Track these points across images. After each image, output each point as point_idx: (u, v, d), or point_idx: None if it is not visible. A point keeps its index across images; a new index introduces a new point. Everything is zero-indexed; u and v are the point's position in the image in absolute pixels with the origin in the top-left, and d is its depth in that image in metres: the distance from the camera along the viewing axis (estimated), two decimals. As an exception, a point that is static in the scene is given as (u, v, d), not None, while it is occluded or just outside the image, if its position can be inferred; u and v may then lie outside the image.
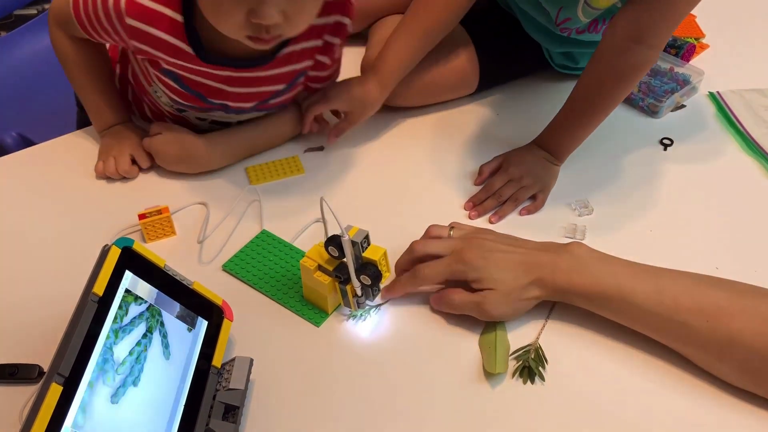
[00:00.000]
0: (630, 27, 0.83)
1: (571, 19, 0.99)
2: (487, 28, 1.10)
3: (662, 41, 0.85)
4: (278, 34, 0.78)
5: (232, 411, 0.66)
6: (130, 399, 0.59)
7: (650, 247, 0.87)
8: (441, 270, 0.75)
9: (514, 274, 0.73)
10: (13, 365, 0.70)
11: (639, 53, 0.84)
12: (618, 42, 0.84)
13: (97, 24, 0.84)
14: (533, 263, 0.74)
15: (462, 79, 1.09)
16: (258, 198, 0.92)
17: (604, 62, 0.87)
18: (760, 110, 1.09)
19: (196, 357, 0.68)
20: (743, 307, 0.67)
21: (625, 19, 0.83)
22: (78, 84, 0.96)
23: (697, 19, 1.31)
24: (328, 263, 0.74)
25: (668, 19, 0.82)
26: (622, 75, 0.87)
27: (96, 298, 0.59)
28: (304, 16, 0.79)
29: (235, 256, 0.84)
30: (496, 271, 0.73)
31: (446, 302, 0.76)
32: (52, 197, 0.93)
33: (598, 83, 0.89)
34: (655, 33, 0.83)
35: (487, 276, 0.73)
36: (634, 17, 0.82)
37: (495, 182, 0.93)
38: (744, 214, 0.92)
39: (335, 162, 0.99)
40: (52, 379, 0.54)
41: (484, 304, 0.73)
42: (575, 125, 0.93)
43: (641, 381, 0.71)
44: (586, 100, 0.91)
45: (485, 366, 0.72)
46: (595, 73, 0.89)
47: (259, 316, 0.78)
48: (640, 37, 0.83)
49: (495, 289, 0.73)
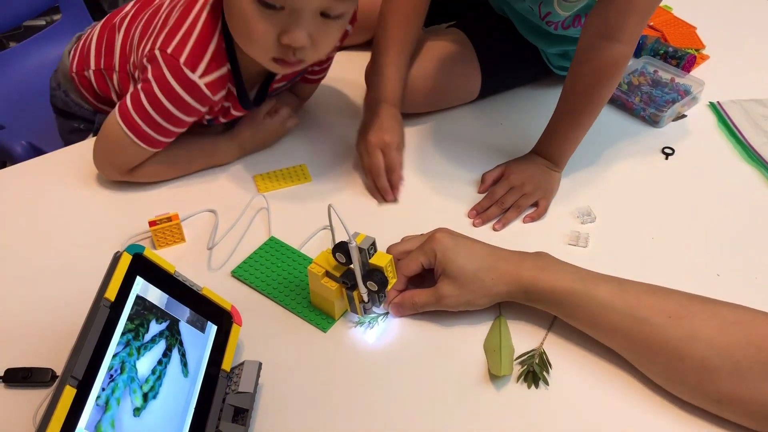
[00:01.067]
0: (599, 25, 0.86)
1: (551, 13, 1.01)
2: (486, 35, 1.12)
3: (631, 36, 0.86)
4: (302, 59, 0.82)
5: (242, 414, 0.67)
6: (150, 411, 0.61)
7: (652, 255, 0.88)
8: (414, 254, 0.78)
9: (478, 264, 0.75)
10: (27, 369, 0.71)
11: (610, 50, 0.86)
12: (590, 41, 0.87)
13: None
14: (499, 256, 0.76)
15: (464, 86, 1.11)
16: (266, 205, 0.94)
17: (581, 62, 0.90)
18: (760, 120, 1.10)
19: (206, 361, 0.69)
20: (703, 307, 0.69)
21: (595, 18, 0.86)
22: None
23: (697, 30, 1.33)
24: (336, 269, 0.75)
25: (634, 14, 0.84)
26: (599, 73, 0.89)
27: (108, 303, 0.60)
28: (329, 42, 0.83)
29: (243, 263, 0.85)
30: (458, 257, 0.75)
31: (408, 305, 0.78)
32: (62, 205, 0.94)
33: (580, 84, 0.91)
34: (622, 28, 0.85)
35: (450, 259, 0.75)
36: (603, 14, 0.85)
37: (497, 190, 0.94)
38: (744, 222, 0.94)
39: (341, 170, 1.01)
40: (66, 381, 0.55)
41: (443, 297, 0.76)
42: (566, 129, 0.95)
43: (645, 387, 0.72)
44: (571, 103, 0.93)
45: (490, 369, 0.73)
46: (575, 75, 0.91)
47: (267, 321, 0.79)
48: (609, 33, 0.85)
49: (455, 279, 0.75)
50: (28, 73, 1.39)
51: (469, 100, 1.13)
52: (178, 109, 0.87)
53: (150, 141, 0.89)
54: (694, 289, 0.72)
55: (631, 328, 0.70)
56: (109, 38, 1.01)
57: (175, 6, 0.91)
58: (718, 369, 0.65)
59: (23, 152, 1.20)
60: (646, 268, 0.76)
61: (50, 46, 1.40)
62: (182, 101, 0.86)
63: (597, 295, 0.71)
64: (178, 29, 0.86)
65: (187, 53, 0.84)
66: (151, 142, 0.89)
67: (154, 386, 0.62)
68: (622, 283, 0.72)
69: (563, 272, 0.74)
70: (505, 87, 1.16)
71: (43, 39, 1.44)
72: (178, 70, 0.84)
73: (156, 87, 0.85)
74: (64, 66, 1.07)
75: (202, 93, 0.86)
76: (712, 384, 0.66)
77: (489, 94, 1.14)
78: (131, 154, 0.90)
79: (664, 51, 1.23)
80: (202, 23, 0.85)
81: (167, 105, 0.86)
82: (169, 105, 0.86)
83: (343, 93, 1.16)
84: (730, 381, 0.65)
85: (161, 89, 0.85)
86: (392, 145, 0.94)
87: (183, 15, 0.87)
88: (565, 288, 0.73)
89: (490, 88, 1.13)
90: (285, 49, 0.79)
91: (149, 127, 0.87)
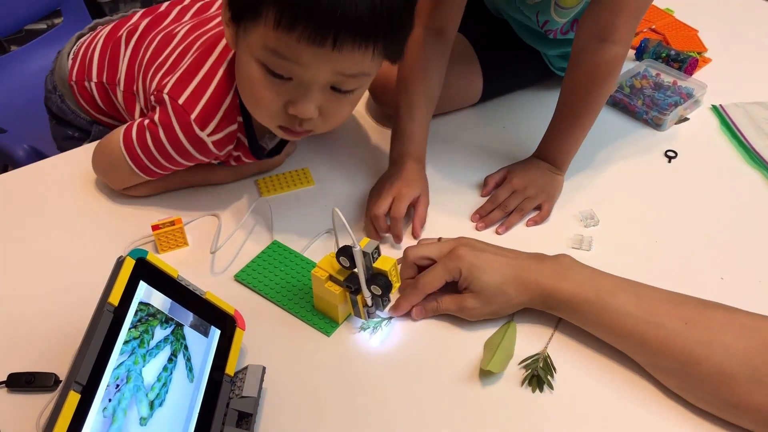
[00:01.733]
0: (592, 26, 0.86)
1: (549, 21, 1.02)
2: (487, 38, 1.12)
3: (625, 37, 0.87)
4: (309, 129, 0.79)
5: (246, 418, 0.67)
6: (156, 419, 0.61)
7: (656, 258, 0.88)
8: (438, 273, 0.77)
9: (501, 278, 0.75)
10: (30, 374, 0.71)
11: (604, 51, 0.86)
12: (584, 43, 0.87)
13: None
14: (520, 266, 0.75)
15: (466, 90, 1.11)
16: (269, 209, 0.94)
17: (576, 65, 0.90)
18: (763, 123, 1.10)
19: (210, 366, 0.69)
20: (721, 314, 0.69)
21: (588, 20, 0.87)
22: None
23: (699, 33, 1.33)
24: (339, 273, 0.75)
25: (625, 15, 0.84)
26: (594, 75, 0.89)
27: (111, 308, 0.60)
28: (339, 116, 0.80)
29: (246, 267, 0.85)
30: (483, 274, 0.75)
31: (431, 309, 0.78)
32: (64, 210, 0.94)
33: (576, 86, 0.91)
34: (615, 29, 0.85)
35: (476, 276, 0.74)
36: (595, 16, 0.85)
37: (500, 194, 0.94)
38: (748, 225, 0.93)
39: (344, 174, 1.01)
40: (70, 386, 0.55)
41: (466, 309, 0.76)
42: (566, 132, 0.95)
43: (651, 391, 0.72)
44: (569, 106, 0.93)
45: (481, 364, 0.73)
46: (571, 78, 0.91)
47: (270, 325, 0.79)
48: (603, 35, 0.85)
49: (479, 293, 0.75)
50: (30, 77, 1.39)
51: (471, 103, 1.13)
52: (181, 157, 0.86)
53: (146, 171, 0.89)
54: (698, 293, 0.72)
55: (647, 332, 0.70)
56: (113, 52, 0.99)
57: (191, 44, 0.89)
58: (736, 374, 0.65)
59: (25, 156, 1.20)
60: (649, 271, 0.76)
61: (51, 50, 1.39)
62: (187, 152, 0.85)
63: (613, 304, 0.71)
64: (191, 78, 0.84)
65: (198, 110, 0.83)
66: (148, 173, 0.89)
67: (160, 393, 0.62)
68: (639, 290, 0.72)
69: (580, 279, 0.74)
70: (507, 90, 1.16)
71: (45, 43, 1.45)
72: (188, 126, 0.83)
73: (162, 133, 0.84)
74: (62, 70, 1.05)
75: (208, 148, 0.86)
76: (729, 389, 0.66)
77: (491, 97, 1.14)
78: (126, 175, 0.90)
79: (666, 54, 1.23)
80: (218, 80, 0.83)
81: (170, 151, 0.85)
82: (172, 152, 0.85)
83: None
84: (747, 387, 0.64)
85: (167, 136, 0.84)
86: (406, 196, 0.88)
87: (198, 62, 0.85)
88: (581, 297, 0.73)
89: (492, 91, 1.13)
90: (292, 119, 0.77)
91: (149, 161, 0.87)
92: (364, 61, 0.72)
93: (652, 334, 0.69)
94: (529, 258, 0.77)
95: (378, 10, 0.68)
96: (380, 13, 0.68)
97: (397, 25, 0.73)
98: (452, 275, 0.76)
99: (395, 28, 0.73)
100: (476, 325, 0.78)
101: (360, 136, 1.09)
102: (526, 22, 1.06)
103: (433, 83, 0.96)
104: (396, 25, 0.73)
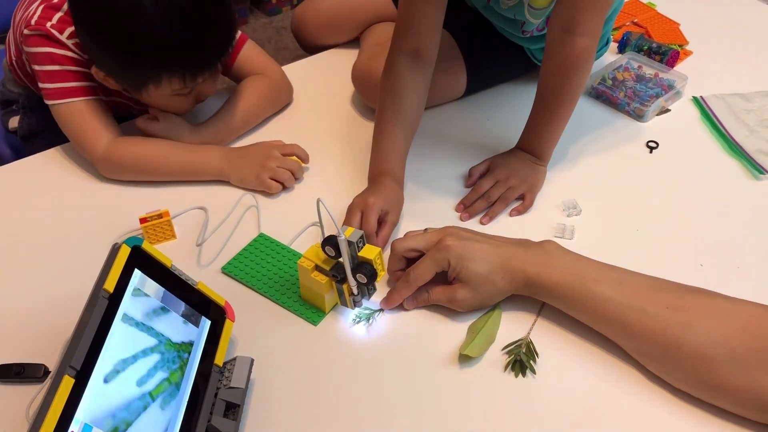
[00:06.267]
0: (560, 20, 0.88)
1: (525, 23, 1.04)
2: (470, 32, 1.13)
3: (592, 29, 0.89)
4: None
5: (233, 409, 0.68)
6: (148, 414, 0.61)
7: (636, 246, 0.89)
8: (428, 265, 0.78)
9: (488, 268, 0.76)
10: (20, 365, 0.72)
11: (573, 43, 0.88)
12: (554, 36, 0.90)
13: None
14: (506, 254, 0.77)
15: (450, 84, 1.12)
16: (255, 203, 0.94)
17: (549, 57, 0.92)
18: (742, 114, 1.12)
19: (199, 356, 0.69)
20: (702, 298, 0.70)
21: (557, 14, 0.89)
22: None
23: (680, 26, 1.35)
24: (325, 263, 0.76)
25: (591, 8, 0.87)
26: (565, 66, 0.91)
27: (107, 294, 0.60)
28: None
29: (233, 259, 0.86)
30: (471, 263, 0.76)
31: (422, 300, 0.80)
32: (52, 204, 0.94)
33: (550, 78, 0.93)
34: (581, 22, 0.87)
35: (464, 266, 0.76)
36: (563, 10, 0.88)
37: (483, 184, 0.96)
38: (727, 213, 0.95)
39: (330, 168, 1.02)
40: (64, 371, 0.55)
41: (457, 300, 0.78)
42: (544, 124, 0.96)
43: (632, 374, 0.73)
44: (545, 98, 0.95)
45: (460, 348, 0.75)
46: (545, 70, 0.93)
47: (258, 316, 0.80)
48: (570, 27, 0.87)
49: (468, 283, 0.76)
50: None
51: (455, 97, 1.14)
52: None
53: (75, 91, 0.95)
54: (678, 280, 0.73)
55: (629, 318, 0.71)
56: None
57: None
58: (715, 357, 0.66)
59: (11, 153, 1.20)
60: (630, 259, 0.77)
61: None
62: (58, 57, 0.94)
63: (595, 290, 0.73)
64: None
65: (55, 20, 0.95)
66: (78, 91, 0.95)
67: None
68: (621, 275, 0.74)
69: (564, 265, 0.75)
70: (491, 83, 1.18)
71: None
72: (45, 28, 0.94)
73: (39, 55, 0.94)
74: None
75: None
76: (708, 372, 0.67)
77: (475, 90, 1.15)
78: (87, 120, 0.95)
79: (648, 47, 1.25)
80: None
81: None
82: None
83: (330, 89, 1.17)
84: (726, 369, 0.66)
85: (43, 55, 0.94)
86: (373, 208, 0.86)
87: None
88: (565, 283, 0.74)
89: (476, 84, 1.14)
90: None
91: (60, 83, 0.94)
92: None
93: (633, 319, 0.71)
94: (515, 245, 0.78)
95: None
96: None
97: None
98: (441, 266, 0.77)
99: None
100: (463, 312, 0.79)
101: (344, 129, 1.10)
102: (504, 25, 1.09)
103: (407, 106, 0.97)
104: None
